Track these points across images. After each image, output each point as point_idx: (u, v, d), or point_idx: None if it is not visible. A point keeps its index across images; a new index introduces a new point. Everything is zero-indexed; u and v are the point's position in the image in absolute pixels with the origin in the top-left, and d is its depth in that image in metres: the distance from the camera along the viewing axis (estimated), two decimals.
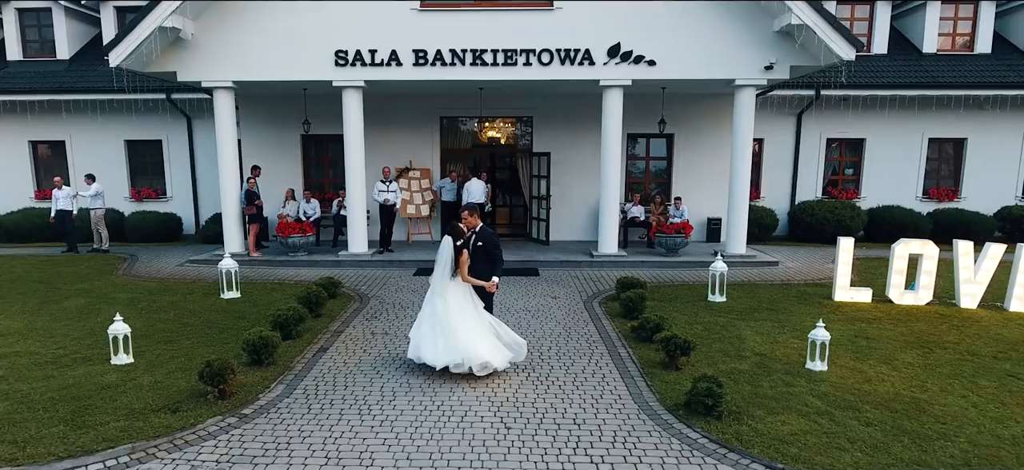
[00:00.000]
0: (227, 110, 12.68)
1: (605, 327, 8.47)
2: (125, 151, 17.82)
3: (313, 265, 12.62)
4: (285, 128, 15.18)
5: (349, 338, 7.93)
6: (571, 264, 12.55)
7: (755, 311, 9.29)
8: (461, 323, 6.43)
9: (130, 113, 17.11)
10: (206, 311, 9.15)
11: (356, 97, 12.50)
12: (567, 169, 15.19)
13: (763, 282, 11.30)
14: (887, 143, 17.23)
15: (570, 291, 10.55)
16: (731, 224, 12.85)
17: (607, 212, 12.77)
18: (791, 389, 6.32)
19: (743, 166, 12.68)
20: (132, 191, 17.92)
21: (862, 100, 16.78)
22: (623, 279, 9.83)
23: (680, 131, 15.30)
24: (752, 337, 8.05)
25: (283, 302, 9.08)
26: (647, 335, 7.72)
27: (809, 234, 16.38)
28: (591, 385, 6.42)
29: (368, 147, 14.06)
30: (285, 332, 7.69)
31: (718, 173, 15.38)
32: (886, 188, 17.25)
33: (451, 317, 6.44)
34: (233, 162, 12.97)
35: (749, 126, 12.58)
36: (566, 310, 9.34)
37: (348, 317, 8.89)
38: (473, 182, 14.19)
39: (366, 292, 10.50)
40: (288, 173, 15.36)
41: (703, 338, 7.87)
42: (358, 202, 12.86)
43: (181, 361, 7.00)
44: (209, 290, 10.37)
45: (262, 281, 11.29)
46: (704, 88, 14.09)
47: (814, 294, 10.33)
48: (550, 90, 14.18)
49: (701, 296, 10.18)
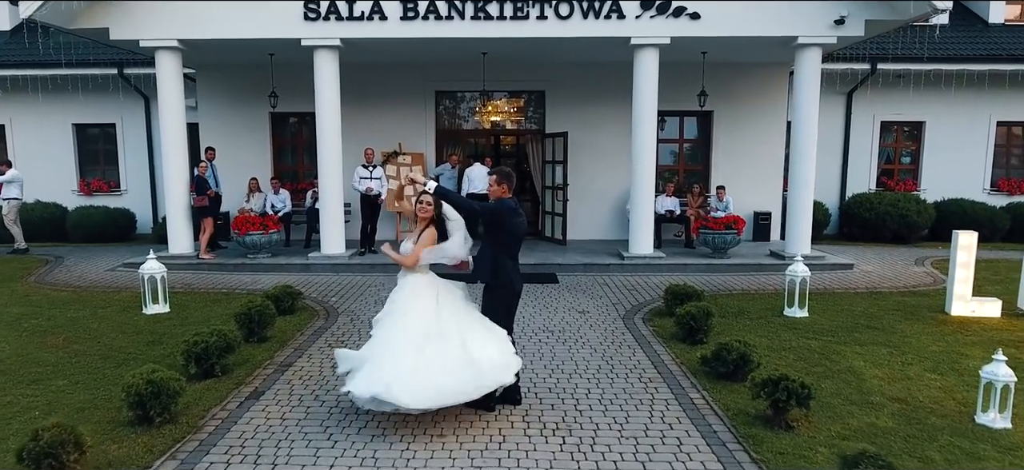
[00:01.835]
0: (172, 76, 10.30)
1: (660, 356, 6.09)
2: (73, 136, 15.43)
3: (276, 269, 10.23)
4: (251, 105, 12.77)
5: (299, 375, 5.54)
6: (596, 268, 10.15)
7: (853, 330, 6.92)
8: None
9: (78, 92, 14.69)
10: (113, 333, 6.76)
11: (331, 60, 10.11)
12: (586, 154, 12.79)
13: (844, 290, 8.92)
14: (950, 127, 14.87)
15: (602, 303, 8.16)
16: (793, 218, 10.46)
17: (640, 203, 10.38)
18: (983, 467, 3.97)
19: (807, 146, 10.30)
20: (81, 183, 15.51)
21: (923, 77, 14.40)
22: (674, 288, 7.46)
23: (719, 109, 12.89)
24: (869, 370, 5.69)
25: (222, 320, 6.71)
26: (728, 370, 5.35)
27: (865, 232, 13.98)
28: (662, 462, 4.04)
29: (348, 126, 11.65)
30: (205, 367, 5.32)
31: (764, 159, 13.01)
32: (949, 179, 14.85)
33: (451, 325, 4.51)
34: (180, 142, 10.58)
35: (814, 95, 10.20)
36: (601, 330, 6.95)
37: (304, 342, 6.49)
38: (475, 168, 11.81)
39: (336, 304, 8.11)
40: (255, 159, 12.95)
41: (798, 369, 5.51)
42: (333, 191, 10.46)
43: (34, 415, 4.61)
44: (133, 303, 7.98)
45: (206, 291, 8.90)
46: (752, 54, 11.70)
47: (918, 306, 7.95)
48: (567, 55, 11.77)
49: (773, 309, 7.81)
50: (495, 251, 4.59)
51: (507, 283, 4.62)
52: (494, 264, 4.57)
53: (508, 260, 4.62)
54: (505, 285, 4.62)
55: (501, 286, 4.62)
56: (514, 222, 4.58)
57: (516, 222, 4.60)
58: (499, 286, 4.62)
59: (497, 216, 4.57)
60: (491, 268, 4.58)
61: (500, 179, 4.67)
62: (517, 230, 4.63)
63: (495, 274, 4.58)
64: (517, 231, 4.64)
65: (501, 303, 4.68)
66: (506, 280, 4.60)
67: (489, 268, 4.58)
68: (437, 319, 4.39)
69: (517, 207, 4.64)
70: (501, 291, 4.65)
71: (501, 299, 4.68)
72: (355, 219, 11.93)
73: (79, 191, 15.45)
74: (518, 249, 4.77)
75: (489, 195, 4.74)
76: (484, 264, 4.61)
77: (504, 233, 4.59)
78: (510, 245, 4.66)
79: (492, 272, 4.58)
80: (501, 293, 4.66)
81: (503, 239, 4.61)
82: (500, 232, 4.59)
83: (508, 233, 4.61)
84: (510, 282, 4.64)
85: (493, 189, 4.68)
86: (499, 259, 4.58)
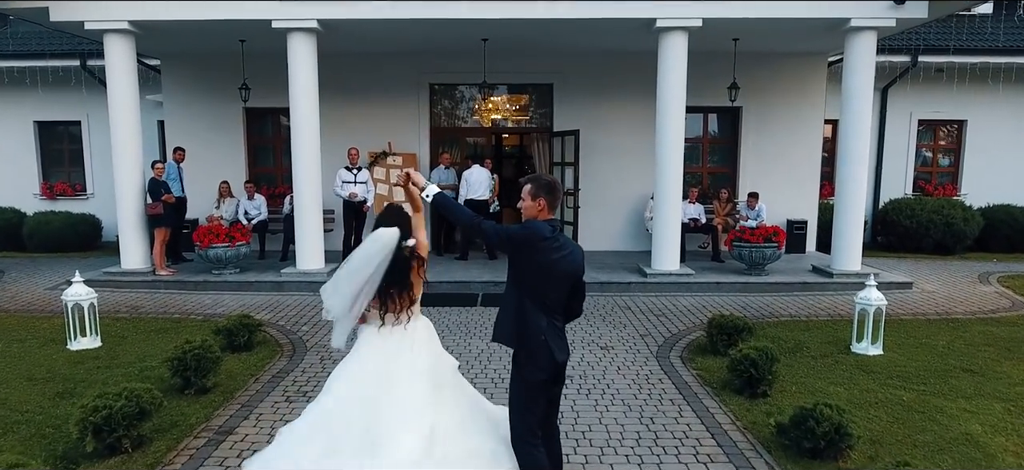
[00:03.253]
0: (124, 64, 8.91)
1: (713, 416, 4.70)
2: (36, 135, 14.11)
3: (243, 288, 8.83)
4: (223, 100, 11.34)
5: (238, 449, 4.14)
6: (615, 287, 8.75)
7: (946, 376, 5.53)
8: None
9: (38, 86, 13.31)
10: (16, 379, 5.33)
11: (306, 45, 8.71)
12: (599, 155, 11.38)
13: (912, 317, 7.52)
14: (994, 126, 13.56)
15: (627, 335, 6.76)
16: (842, 228, 9.07)
17: (665, 211, 8.99)
18: None
19: (859, 145, 8.91)
20: (43, 186, 14.18)
21: (967, 71, 13.03)
22: (719, 321, 6.07)
23: (748, 105, 11.49)
24: (992, 439, 4.34)
25: (160, 360, 5.32)
26: (817, 445, 3.94)
27: (904, 241, 12.59)
28: None
29: (330, 123, 10.30)
30: (108, 443, 3.92)
31: (799, 161, 11.64)
32: (993, 183, 13.50)
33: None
34: (133, 140, 9.18)
35: (867, 87, 8.81)
36: (633, 375, 5.56)
37: (255, 394, 5.07)
38: (474, 171, 10.43)
39: (306, 336, 6.71)
40: (227, 161, 11.53)
41: (899, 437, 4.20)
42: (310, 197, 9.06)
43: None
44: (61, 334, 6.54)
45: (155, 316, 7.49)
46: (789, 41, 10.31)
47: (1012, 339, 6.57)
48: (579, 42, 10.37)
49: (836, 342, 6.42)
50: (522, 297, 3.04)
51: (536, 349, 3.02)
52: (519, 316, 3.03)
53: (541, 315, 3.03)
54: (534, 353, 3.03)
55: (528, 355, 3.05)
56: (549, 258, 3.01)
57: (555, 259, 3.02)
58: (525, 355, 3.07)
59: (525, 247, 3.02)
60: (514, 322, 3.05)
61: (536, 190, 3.07)
62: (556, 269, 3.04)
63: (520, 334, 3.04)
64: (556, 271, 3.04)
65: (523, 385, 3.09)
66: (534, 344, 3.02)
67: (511, 321, 3.06)
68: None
69: (557, 234, 3.06)
70: (527, 365, 3.06)
71: (525, 378, 3.08)
72: (338, 228, 10.51)
73: (41, 195, 14.10)
74: (563, 299, 3.12)
75: (523, 214, 3.17)
76: (506, 315, 3.10)
77: (535, 273, 3.03)
78: (544, 291, 3.04)
79: (515, 330, 3.05)
80: (528, 368, 3.06)
81: (534, 281, 3.03)
82: (529, 271, 3.04)
83: (541, 274, 3.02)
84: (544, 350, 3.02)
85: (526, 205, 3.11)
86: (527, 310, 3.02)
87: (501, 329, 3.12)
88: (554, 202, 3.09)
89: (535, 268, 3.02)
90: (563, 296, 3.10)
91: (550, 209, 3.08)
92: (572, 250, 3.12)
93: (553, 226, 3.06)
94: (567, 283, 3.09)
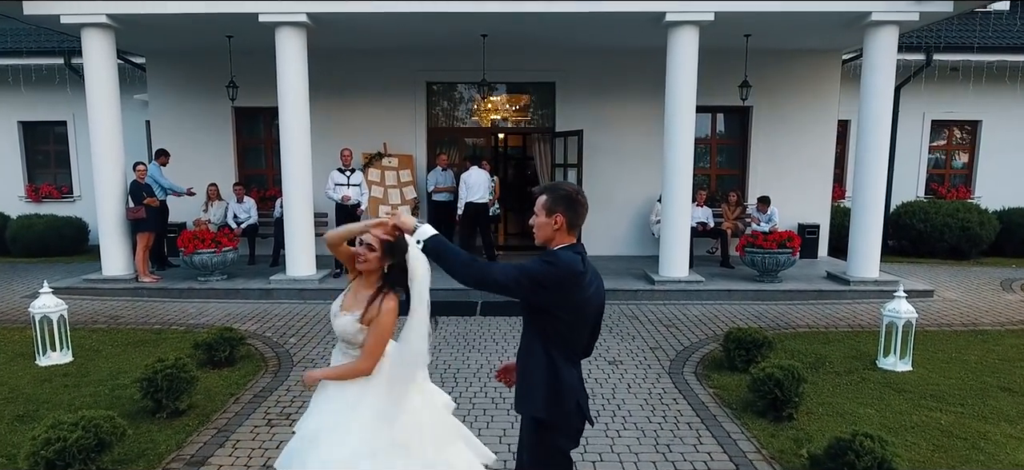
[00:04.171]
0: (103, 60, 8.46)
1: (736, 443, 4.27)
2: (20, 136, 13.70)
3: (230, 295, 8.39)
4: (211, 99, 10.89)
5: None
6: (622, 295, 8.31)
7: (984, 396, 5.10)
8: None
9: (21, 85, 12.88)
10: None
11: (295, 40, 8.27)
12: (603, 156, 10.94)
13: (937, 328, 7.08)
14: (1011, 127, 13.19)
15: (637, 348, 6.32)
16: (859, 232, 8.65)
17: (674, 215, 8.55)
18: None
19: (878, 145, 8.50)
20: (29, 189, 13.76)
21: (983, 70, 12.63)
22: (736, 335, 5.63)
23: (758, 104, 11.05)
24: None
25: (133, 378, 4.87)
26: None
27: (917, 246, 12.18)
28: None
29: (323, 123, 9.91)
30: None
31: (811, 162, 11.22)
32: (1008, 185, 13.15)
33: None
34: (114, 141, 8.74)
35: (887, 85, 8.38)
36: (645, 394, 5.12)
37: (234, 417, 4.63)
38: (473, 173, 9.98)
39: (293, 349, 6.27)
40: (215, 162, 11.09)
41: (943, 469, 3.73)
42: (300, 200, 8.61)
43: None
44: (31, 347, 6.11)
45: (135, 327, 7.05)
46: (803, 37, 9.88)
47: None
48: (583, 39, 9.94)
49: (861, 357, 5.98)
50: (550, 351, 2.40)
51: (572, 412, 2.44)
52: (552, 378, 2.38)
53: (572, 369, 2.45)
54: (570, 416, 2.44)
55: (560, 419, 2.43)
56: (585, 296, 2.40)
57: (589, 296, 2.41)
58: (552, 421, 2.42)
59: (556, 290, 2.33)
60: (547, 387, 2.38)
61: (552, 203, 2.38)
62: (588, 308, 2.44)
63: (556, 400, 2.39)
64: (588, 310, 2.45)
65: (553, 452, 2.47)
66: (570, 407, 2.42)
67: (545, 387, 2.38)
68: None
69: (586, 264, 2.40)
70: (558, 432, 2.45)
71: (554, 443, 2.46)
72: None
73: (27, 197, 13.68)
74: (588, 343, 2.58)
75: (535, 235, 2.47)
76: (536, 380, 2.40)
77: (566, 319, 2.39)
78: (575, 339, 2.46)
79: (549, 397, 2.38)
80: (558, 434, 2.45)
81: (564, 329, 2.40)
82: (561, 319, 2.38)
83: (573, 318, 2.41)
84: (578, 413, 2.46)
85: (540, 222, 2.41)
86: (558, 368, 2.39)
87: (531, 399, 2.41)
88: (575, 220, 2.40)
89: (567, 312, 2.38)
90: (586, 336, 2.54)
91: (569, 229, 2.39)
92: (598, 281, 2.51)
93: (580, 253, 2.40)
94: (594, 320, 2.54)
